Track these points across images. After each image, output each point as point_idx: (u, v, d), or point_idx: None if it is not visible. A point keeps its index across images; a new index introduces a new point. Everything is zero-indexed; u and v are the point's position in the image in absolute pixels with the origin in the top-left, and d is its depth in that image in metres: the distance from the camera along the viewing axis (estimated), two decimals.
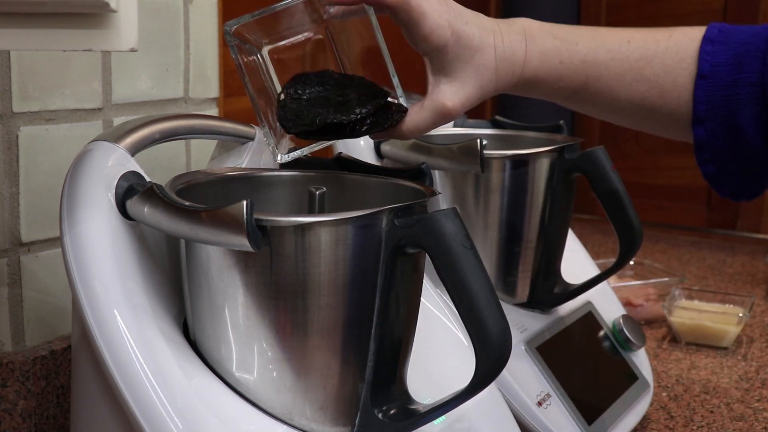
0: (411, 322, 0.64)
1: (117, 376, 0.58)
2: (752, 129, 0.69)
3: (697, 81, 0.70)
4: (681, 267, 1.72)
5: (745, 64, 0.69)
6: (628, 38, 0.73)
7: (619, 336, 1.02)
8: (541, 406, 0.86)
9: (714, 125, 0.71)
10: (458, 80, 0.69)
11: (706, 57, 0.70)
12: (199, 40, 0.99)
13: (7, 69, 0.78)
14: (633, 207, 0.90)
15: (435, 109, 0.69)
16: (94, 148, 0.64)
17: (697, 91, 0.70)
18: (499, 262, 0.93)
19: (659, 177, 2.06)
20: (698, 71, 0.70)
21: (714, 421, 1.04)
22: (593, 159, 0.90)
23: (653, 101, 0.72)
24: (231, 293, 0.58)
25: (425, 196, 0.63)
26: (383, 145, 0.91)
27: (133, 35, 0.52)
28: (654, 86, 0.72)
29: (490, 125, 1.07)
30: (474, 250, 0.57)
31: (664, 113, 0.73)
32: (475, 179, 0.90)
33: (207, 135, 0.75)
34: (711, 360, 1.24)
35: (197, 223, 0.56)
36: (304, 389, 0.60)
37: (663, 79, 0.72)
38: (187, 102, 0.99)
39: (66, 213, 0.61)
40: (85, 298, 0.59)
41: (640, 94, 0.72)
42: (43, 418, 0.80)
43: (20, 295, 0.81)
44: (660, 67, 0.72)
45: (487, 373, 0.58)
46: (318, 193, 0.69)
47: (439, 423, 0.67)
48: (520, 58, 0.71)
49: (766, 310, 1.46)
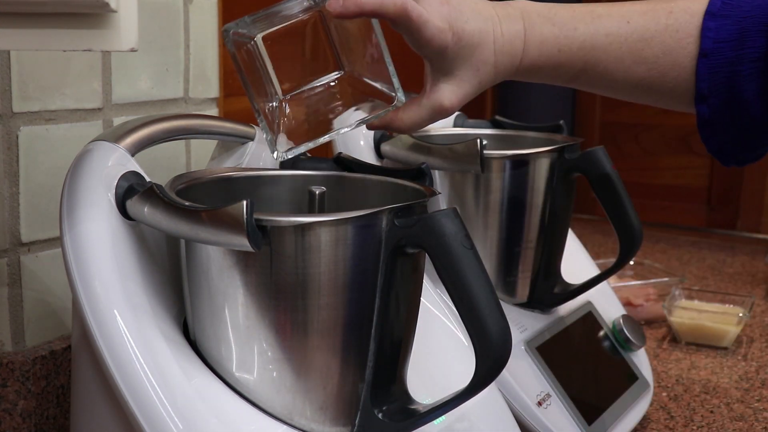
0: (411, 322, 0.64)
1: (117, 376, 0.58)
2: (755, 102, 0.69)
3: (699, 59, 0.70)
4: (681, 267, 1.72)
5: (748, 39, 0.68)
6: (627, 18, 0.72)
7: (619, 336, 1.02)
8: (541, 406, 0.86)
9: (717, 101, 0.70)
10: (457, 78, 0.69)
11: (708, 34, 0.70)
12: (199, 40, 0.99)
13: (7, 69, 0.78)
14: (633, 207, 0.90)
15: (432, 107, 0.70)
16: (94, 148, 0.64)
17: (700, 68, 0.70)
18: (499, 262, 0.93)
19: (659, 177, 2.06)
20: (700, 49, 0.70)
21: (714, 421, 1.04)
22: (593, 159, 0.90)
23: (652, 81, 0.72)
24: (231, 293, 0.58)
25: (425, 196, 0.63)
26: (383, 145, 0.91)
27: (133, 35, 0.52)
28: (653, 67, 0.72)
29: (490, 125, 1.07)
30: (474, 250, 0.57)
31: (664, 91, 0.73)
32: (475, 179, 0.90)
33: (207, 135, 0.75)
34: (711, 360, 1.24)
35: (197, 223, 0.56)
36: (304, 389, 0.60)
37: (662, 59, 0.71)
38: (187, 102, 0.99)
39: (66, 213, 0.61)
40: (85, 298, 0.59)
41: (638, 75, 0.72)
42: (43, 418, 0.80)
43: (20, 295, 0.81)
44: (659, 47, 0.71)
45: (487, 373, 0.58)
46: (318, 193, 0.69)
47: (439, 423, 0.67)
48: (518, 49, 0.71)
49: (766, 310, 1.46)
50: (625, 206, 0.89)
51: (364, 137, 0.91)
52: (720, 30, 0.69)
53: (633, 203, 0.90)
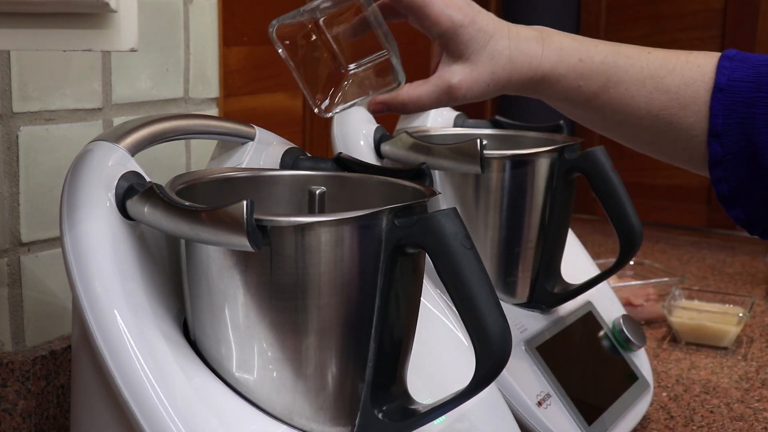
0: (411, 322, 0.64)
1: (117, 376, 0.58)
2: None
3: (714, 94, 0.69)
4: (681, 267, 1.72)
5: (764, 84, 0.67)
6: (648, 50, 0.71)
7: (619, 336, 1.02)
8: (541, 406, 0.86)
9: (730, 141, 0.68)
10: (469, 61, 0.67)
11: (723, 71, 0.69)
12: (199, 40, 0.99)
13: (7, 69, 0.78)
14: (633, 207, 0.90)
15: (439, 84, 0.68)
16: (94, 148, 0.64)
17: (714, 103, 0.68)
18: (499, 262, 0.93)
19: (659, 177, 2.06)
20: (715, 84, 0.69)
21: (714, 421, 1.04)
22: (593, 159, 0.90)
23: (673, 113, 0.70)
24: (231, 293, 0.58)
25: (425, 196, 0.63)
26: (383, 145, 0.91)
27: (133, 35, 0.52)
28: (674, 97, 0.70)
29: (490, 125, 1.07)
30: (474, 250, 0.57)
31: (683, 127, 0.70)
32: (475, 179, 0.90)
33: (207, 135, 0.75)
34: (711, 360, 1.24)
35: (197, 223, 0.56)
36: (304, 389, 0.60)
37: (684, 90, 0.70)
38: (187, 102, 0.99)
39: (66, 213, 0.61)
40: (85, 298, 0.59)
41: (660, 104, 0.70)
42: (43, 418, 0.80)
43: (20, 295, 0.81)
44: (680, 78, 0.70)
45: (487, 373, 0.58)
46: (318, 193, 0.69)
47: (439, 423, 0.67)
48: (536, 51, 0.69)
49: (766, 310, 1.46)
50: (625, 206, 0.89)
51: (364, 137, 0.91)
52: (735, 70, 0.68)
53: (633, 203, 0.90)
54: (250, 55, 1.20)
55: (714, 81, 0.69)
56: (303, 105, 1.45)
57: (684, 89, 0.70)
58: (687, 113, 0.70)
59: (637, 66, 0.70)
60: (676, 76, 0.70)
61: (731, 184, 0.70)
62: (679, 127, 0.71)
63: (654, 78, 0.70)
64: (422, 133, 1.00)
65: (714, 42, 1.95)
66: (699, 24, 1.97)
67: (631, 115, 0.71)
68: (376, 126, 0.92)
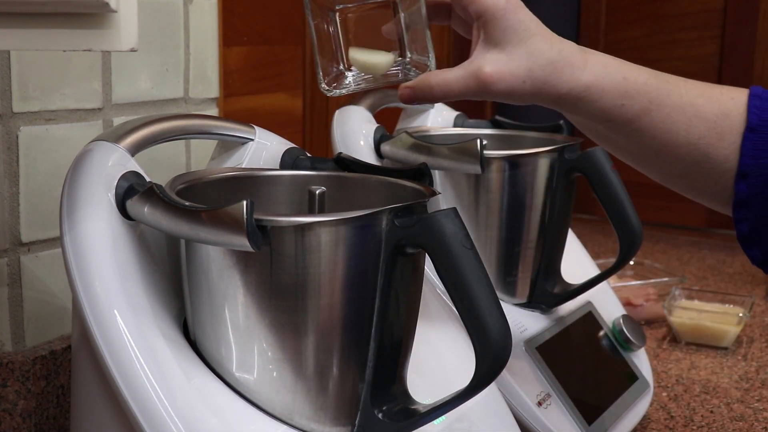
0: (411, 322, 0.64)
1: (117, 376, 0.58)
2: None
3: (746, 133, 0.67)
4: (681, 267, 1.72)
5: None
6: (684, 79, 0.69)
7: (619, 336, 1.02)
8: (541, 406, 0.86)
9: (757, 183, 0.67)
10: (506, 51, 0.64)
11: (754, 111, 0.67)
12: (199, 40, 0.99)
13: (7, 69, 0.78)
14: (633, 207, 0.90)
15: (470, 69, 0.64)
16: (94, 148, 0.64)
17: (745, 143, 0.67)
18: (499, 262, 0.93)
19: None
20: (747, 123, 0.67)
21: (714, 421, 1.04)
22: (593, 159, 0.90)
23: (710, 142, 0.68)
24: (231, 293, 0.58)
25: (425, 196, 0.63)
26: (383, 145, 0.91)
27: (133, 35, 0.52)
28: (712, 126, 0.68)
29: (490, 125, 1.07)
30: (474, 250, 0.57)
31: (718, 159, 0.68)
32: (475, 179, 0.90)
33: (207, 135, 0.75)
34: (711, 360, 1.24)
35: (197, 223, 0.56)
36: (304, 389, 0.60)
37: (721, 121, 0.68)
38: (187, 102, 0.99)
39: (66, 213, 0.61)
40: (85, 298, 0.59)
41: (699, 132, 0.68)
42: (43, 418, 0.80)
43: (20, 295, 0.81)
44: (718, 107, 0.68)
45: (487, 373, 0.58)
46: (318, 193, 0.69)
47: (439, 423, 0.67)
48: (579, 61, 0.66)
49: (766, 310, 1.46)
50: (625, 206, 0.89)
51: (364, 137, 0.91)
52: (765, 110, 0.67)
53: (633, 203, 0.90)
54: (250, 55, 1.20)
55: (746, 118, 0.67)
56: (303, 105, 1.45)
57: (722, 119, 0.68)
58: (723, 144, 0.68)
59: (677, 92, 0.68)
60: (713, 105, 0.68)
61: (752, 224, 0.69)
62: (714, 159, 0.69)
63: (694, 105, 0.68)
64: (422, 133, 1.00)
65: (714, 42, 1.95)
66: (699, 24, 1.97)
67: (669, 143, 0.69)
68: (376, 126, 0.92)
